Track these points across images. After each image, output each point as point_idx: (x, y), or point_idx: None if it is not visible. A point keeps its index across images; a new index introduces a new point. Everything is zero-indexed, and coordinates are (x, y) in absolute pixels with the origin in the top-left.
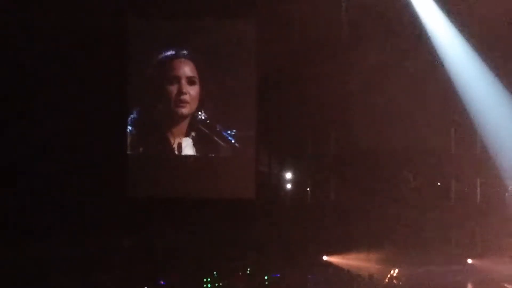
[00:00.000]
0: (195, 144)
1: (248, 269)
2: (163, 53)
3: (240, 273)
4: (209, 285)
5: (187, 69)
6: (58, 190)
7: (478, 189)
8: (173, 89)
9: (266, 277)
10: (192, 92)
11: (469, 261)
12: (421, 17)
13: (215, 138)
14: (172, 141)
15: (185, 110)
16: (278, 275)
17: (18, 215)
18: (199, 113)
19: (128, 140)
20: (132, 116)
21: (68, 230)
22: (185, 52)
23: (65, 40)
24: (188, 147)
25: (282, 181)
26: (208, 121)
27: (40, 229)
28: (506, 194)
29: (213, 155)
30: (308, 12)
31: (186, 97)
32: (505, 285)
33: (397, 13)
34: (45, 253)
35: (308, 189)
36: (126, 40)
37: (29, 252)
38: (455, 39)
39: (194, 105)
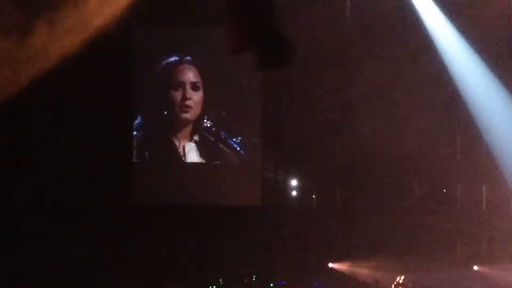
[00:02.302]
0: (199, 148)
1: (254, 276)
2: (168, 59)
3: (246, 280)
4: None
5: (191, 75)
6: (64, 196)
7: (484, 195)
8: (177, 94)
9: (271, 284)
10: (196, 97)
11: (475, 267)
12: (426, 23)
13: (221, 145)
14: (177, 146)
15: (189, 116)
16: (284, 282)
17: (23, 219)
18: (204, 120)
19: (134, 146)
20: (137, 121)
21: (74, 237)
22: (189, 58)
23: None
24: (191, 152)
25: (287, 187)
26: (213, 129)
27: (45, 234)
28: None
29: (218, 162)
30: (313, 18)
31: (190, 102)
32: None
33: (402, 19)
34: (51, 259)
35: (313, 195)
36: (131, 47)
37: (34, 258)
38: (461, 44)
39: (198, 110)
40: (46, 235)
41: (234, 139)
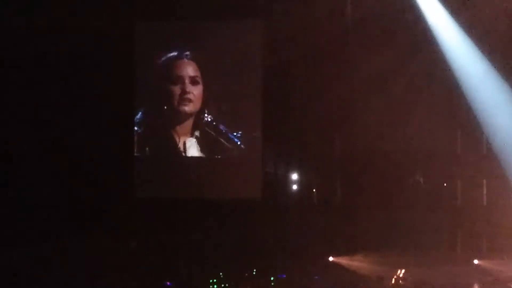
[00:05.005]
0: (200, 144)
1: (254, 270)
2: (167, 54)
3: (246, 274)
4: (215, 286)
5: (190, 69)
6: (65, 191)
7: (485, 189)
8: (177, 89)
9: (272, 278)
10: (195, 91)
11: (476, 261)
12: (427, 18)
13: (221, 139)
14: (177, 141)
15: (188, 109)
16: (284, 276)
17: (24, 215)
18: (205, 114)
19: (135, 140)
20: (137, 116)
21: (75, 231)
22: (188, 53)
23: (71, 42)
24: (192, 147)
25: (288, 182)
26: (214, 123)
27: (46, 229)
28: None
29: (219, 156)
30: (313, 13)
31: (189, 96)
32: None
33: (403, 15)
34: (52, 254)
35: (314, 190)
36: (131, 42)
37: (36, 253)
38: (461, 39)
39: (197, 104)
40: (46, 230)
41: (235, 134)
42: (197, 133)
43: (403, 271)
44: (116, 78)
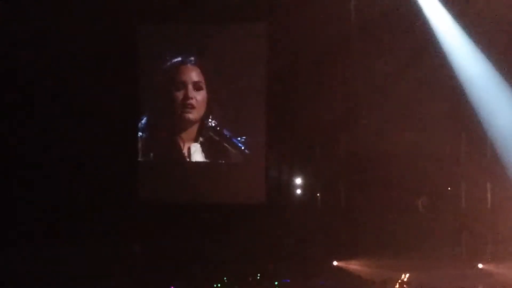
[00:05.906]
0: (204, 149)
1: (258, 275)
2: (171, 59)
3: (250, 279)
4: None
5: (193, 75)
6: (69, 195)
7: (489, 192)
8: (180, 94)
9: (276, 283)
10: (198, 97)
11: (480, 265)
12: (430, 20)
13: (225, 144)
14: (181, 147)
15: (192, 115)
16: (288, 281)
17: (28, 218)
18: (209, 119)
19: (139, 146)
20: (141, 122)
21: (79, 235)
22: (192, 58)
23: (74, 47)
24: (197, 153)
25: (292, 186)
26: (218, 128)
27: (50, 233)
28: None
29: (223, 161)
30: (318, 17)
31: (192, 102)
32: None
33: (406, 17)
34: (55, 258)
35: (318, 194)
36: (134, 47)
37: (38, 255)
38: (464, 41)
39: (201, 110)
40: (50, 234)
41: (239, 138)
42: (201, 139)
43: (407, 275)
44: (120, 83)
